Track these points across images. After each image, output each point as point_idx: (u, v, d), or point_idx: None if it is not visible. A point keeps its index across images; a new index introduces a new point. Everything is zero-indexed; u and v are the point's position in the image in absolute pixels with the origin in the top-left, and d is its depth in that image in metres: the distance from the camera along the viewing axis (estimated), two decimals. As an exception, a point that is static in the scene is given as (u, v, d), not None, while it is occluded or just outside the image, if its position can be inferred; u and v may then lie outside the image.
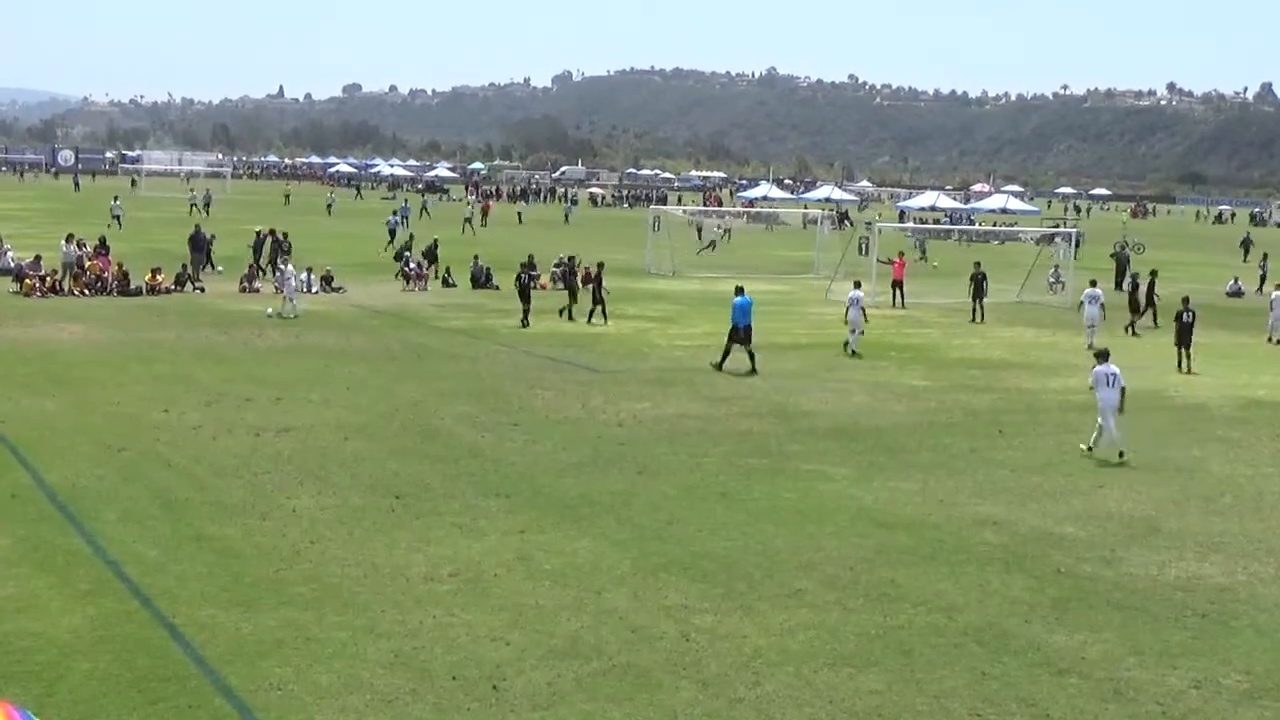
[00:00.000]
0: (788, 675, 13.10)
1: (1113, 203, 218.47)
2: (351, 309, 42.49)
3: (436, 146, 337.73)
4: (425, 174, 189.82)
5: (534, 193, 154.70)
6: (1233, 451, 24.66)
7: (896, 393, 29.62)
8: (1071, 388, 31.05)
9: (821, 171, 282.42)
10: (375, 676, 12.71)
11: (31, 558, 15.94)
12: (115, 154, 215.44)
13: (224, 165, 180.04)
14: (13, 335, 33.87)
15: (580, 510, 18.96)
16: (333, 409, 25.66)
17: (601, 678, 12.90)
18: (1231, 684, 13.30)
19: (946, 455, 23.48)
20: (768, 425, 25.62)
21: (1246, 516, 19.91)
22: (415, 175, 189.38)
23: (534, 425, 24.75)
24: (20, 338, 33.52)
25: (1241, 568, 17.28)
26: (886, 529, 18.53)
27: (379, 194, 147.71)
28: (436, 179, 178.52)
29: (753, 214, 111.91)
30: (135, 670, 12.65)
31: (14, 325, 35.67)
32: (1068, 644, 14.23)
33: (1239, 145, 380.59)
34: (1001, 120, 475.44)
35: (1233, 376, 33.95)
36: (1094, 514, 19.71)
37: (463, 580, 15.65)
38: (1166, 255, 77.64)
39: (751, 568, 16.53)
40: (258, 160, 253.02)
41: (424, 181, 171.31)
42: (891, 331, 40.70)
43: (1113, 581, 16.51)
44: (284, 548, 16.66)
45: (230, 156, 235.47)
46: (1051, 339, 40.75)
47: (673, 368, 32.23)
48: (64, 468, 20.22)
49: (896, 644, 14.06)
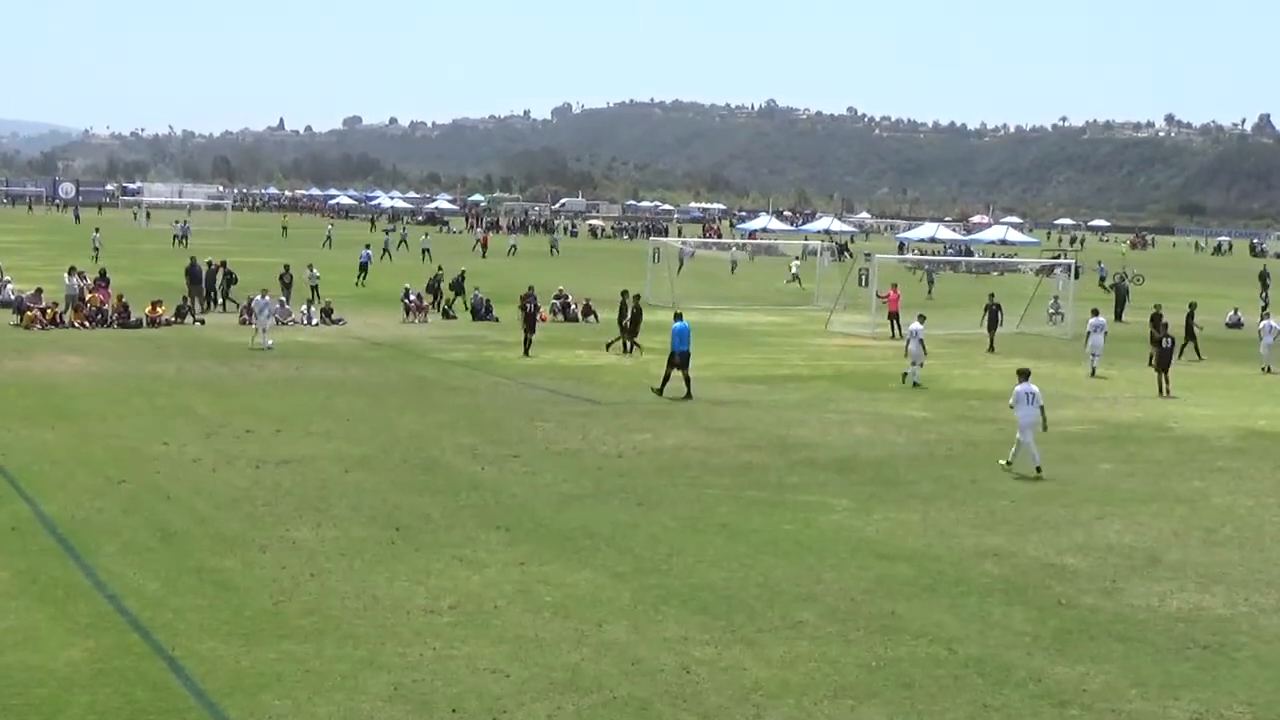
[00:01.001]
0: (788, 707, 13.07)
1: (1112, 234, 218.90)
2: (351, 341, 42.54)
3: (437, 178, 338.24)
4: (425, 206, 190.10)
5: (533, 224, 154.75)
6: (1233, 482, 24.65)
7: (897, 424, 29.62)
8: (1070, 419, 31.07)
9: (821, 203, 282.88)
10: (375, 709, 12.68)
11: (31, 590, 15.92)
12: (116, 186, 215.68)
13: (224, 197, 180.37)
14: (14, 367, 33.91)
15: (580, 542, 18.95)
16: (333, 441, 25.66)
17: (602, 710, 12.87)
18: (1234, 715, 13.27)
19: (947, 486, 23.47)
20: (768, 457, 25.62)
21: (1248, 547, 19.89)
22: (415, 207, 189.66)
23: (534, 457, 24.76)
24: (21, 370, 33.55)
25: (1243, 599, 17.25)
26: (887, 560, 18.51)
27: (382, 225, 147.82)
28: (437, 210, 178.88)
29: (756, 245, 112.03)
30: (135, 703, 12.62)
31: (15, 357, 35.71)
32: (1069, 675, 14.20)
33: (1237, 176, 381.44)
34: (1000, 152, 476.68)
35: (1232, 407, 33.98)
36: (1095, 545, 19.70)
37: (463, 612, 15.63)
38: (1167, 286, 77.71)
39: (752, 599, 16.51)
40: (258, 192, 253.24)
41: (424, 213, 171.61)
42: (891, 363, 40.69)
43: (1114, 613, 16.49)
44: (284, 580, 16.64)
45: (231, 189, 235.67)
46: (1051, 370, 40.69)
47: (672, 399, 32.22)
48: (64, 500, 20.21)
49: (897, 676, 14.03)
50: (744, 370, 38.43)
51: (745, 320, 54.45)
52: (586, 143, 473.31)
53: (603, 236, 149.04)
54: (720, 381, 35.64)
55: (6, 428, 25.70)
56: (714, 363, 39.67)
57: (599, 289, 56.20)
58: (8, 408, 28.01)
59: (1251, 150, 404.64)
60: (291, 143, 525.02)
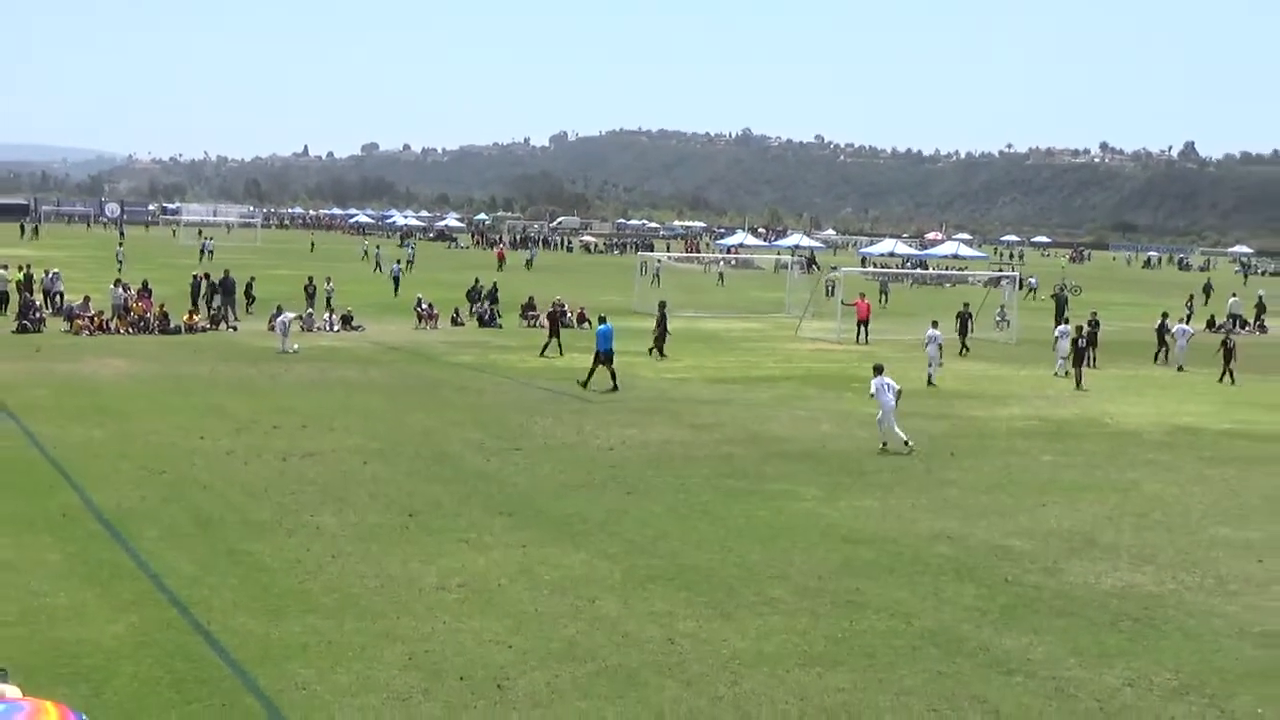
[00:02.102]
0: (763, 675, 13.07)
1: (1053, 249, 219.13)
2: (369, 346, 42.47)
3: (446, 199, 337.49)
4: (436, 224, 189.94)
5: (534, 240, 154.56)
6: (1162, 472, 24.69)
7: (860, 420, 29.60)
8: (1016, 415, 31.14)
9: (791, 221, 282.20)
10: (390, 677, 12.66)
11: (80, 571, 15.89)
12: (157, 207, 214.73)
13: (255, 216, 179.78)
14: (64, 370, 33.81)
15: (576, 527, 18.93)
16: (353, 436, 25.62)
17: (595, 678, 12.86)
18: (1162, 682, 13.29)
19: (905, 476, 23.48)
20: (744, 450, 25.62)
21: (1175, 531, 19.93)
22: (427, 225, 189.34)
23: (534, 450, 24.73)
24: (71, 373, 33.46)
25: (1170, 577, 17.28)
26: (851, 543, 18.52)
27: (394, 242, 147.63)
28: (447, 228, 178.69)
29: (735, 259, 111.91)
30: (174, 673, 12.60)
31: (65, 361, 35.60)
32: (1015, 646, 14.22)
33: (1165, 198, 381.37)
34: (953, 175, 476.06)
35: (1160, 405, 34.04)
36: (1038, 529, 19.72)
37: (470, 590, 15.61)
38: (1102, 296, 77.90)
39: (730, 578, 16.51)
40: (285, 212, 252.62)
41: (434, 230, 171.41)
42: (855, 365, 40.70)
43: (1055, 590, 16.51)
44: (308, 561, 16.61)
45: (260, 209, 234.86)
46: (998, 372, 40.83)
47: (658, 397, 32.21)
48: (109, 490, 20.17)
49: (861, 647, 14.04)
50: (723, 372, 38.42)
51: (724, 327, 54.43)
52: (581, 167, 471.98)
53: (595, 252, 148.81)
54: (701, 382, 35.65)
55: (58, 425, 25.63)
56: (696, 365, 39.71)
57: (593, 298, 56.20)
58: (59, 407, 27.94)
59: (1178, 174, 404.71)
60: (315, 167, 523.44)
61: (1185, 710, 12.56)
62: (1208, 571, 17.61)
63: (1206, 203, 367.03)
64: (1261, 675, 13.60)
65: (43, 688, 10.47)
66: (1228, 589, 16.81)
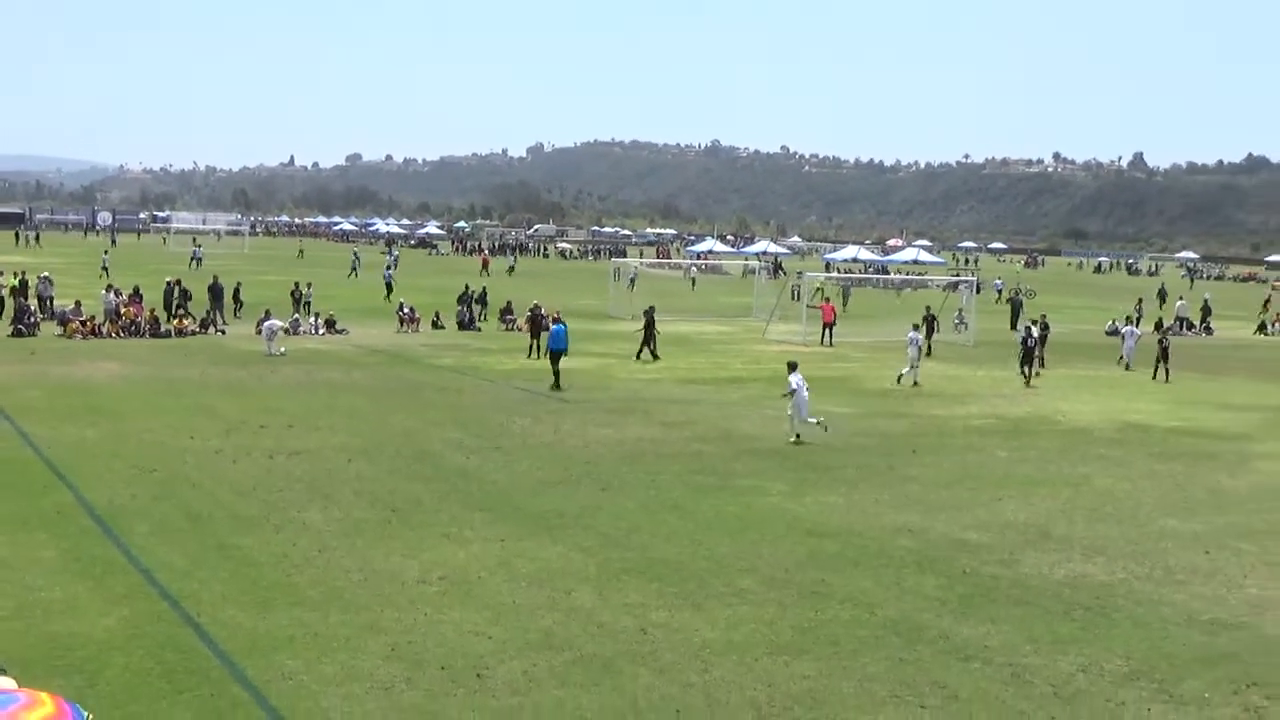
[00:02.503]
0: (732, 663, 13.08)
1: (1008, 255, 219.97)
2: (353, 348, 42.32)
3: (427, 207, 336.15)
4: (417, 231, 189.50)
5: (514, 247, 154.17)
6: (1112, 468, 24.81)
7: (824, 418, 29.66)
8: (974, 414, 31.25)
9: (759, 228, 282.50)
10: (374, 667, 12.63)
11: (74, 567, 15.79)
12: (148, 215, 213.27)
13: (242, 224, 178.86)
14: (58, 373, 33.59)
15: (552, 522, 18.91)
16: (337, 435, 25.53)
17: (571, 667, 12.85)
18: (1113, 667, 13.36)
19: (868, 472, 23.53)
20: (714, 447, 25.63)
21: (1125, 523, 20.03)
22: (409, 232, 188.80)
23: (512, 449, 24.69)
24: (65, 375, 33.24)
25: (1121, 568, 17.37)
26: (816, 536, 18.55)
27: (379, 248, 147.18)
28: (428, 235, 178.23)
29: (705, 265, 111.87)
30: (165, 664, 12.54)
31: (59, 364, 35.36)
32: (973, 634, 14.27)
33: (1115, 206, 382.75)
34: (913, 185, 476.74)
35: (1111, 403, 34.20)
36: (994, 522, 19.80)
37: (450, 583, 15.58)
38: (1056, 300, 78.23)
39: (700, 570, 16.52)
40: (273, 220, 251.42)
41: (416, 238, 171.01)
42: (820, 366, 40.79)
43: (1011, 580, 16.58)
44: (295, 556, 16.55)
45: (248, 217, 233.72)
46: (956, 372, 40.93)
47: (631, 398, 32.20)
48: (102, 488, 20.05)
49: (826, 635, 14.07)
50: (693, 373, 38.43)
51: (695, 330, 54.41)
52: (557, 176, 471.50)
53: (570, 258, 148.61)
54: (673, 383, 35.65)
55: (52, 425, 25.47)
56: (668, 366, 39.70)
57: (570, 302, 56.11)
58: (53, 408, 27.76)
59: (1127, 183, 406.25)
60: (301, 176, 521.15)
61: (1135, 694, 12.63)
62: (1156, 562, 17.71)
63: (1154, 210, 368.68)
64: (1208, 661, 13.69)
65: (38, 679, 10.40)
66: (1175, 579, 16.91)
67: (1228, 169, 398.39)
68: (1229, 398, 36.40)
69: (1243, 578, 17.07)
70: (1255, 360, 48.56)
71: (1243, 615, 15.40)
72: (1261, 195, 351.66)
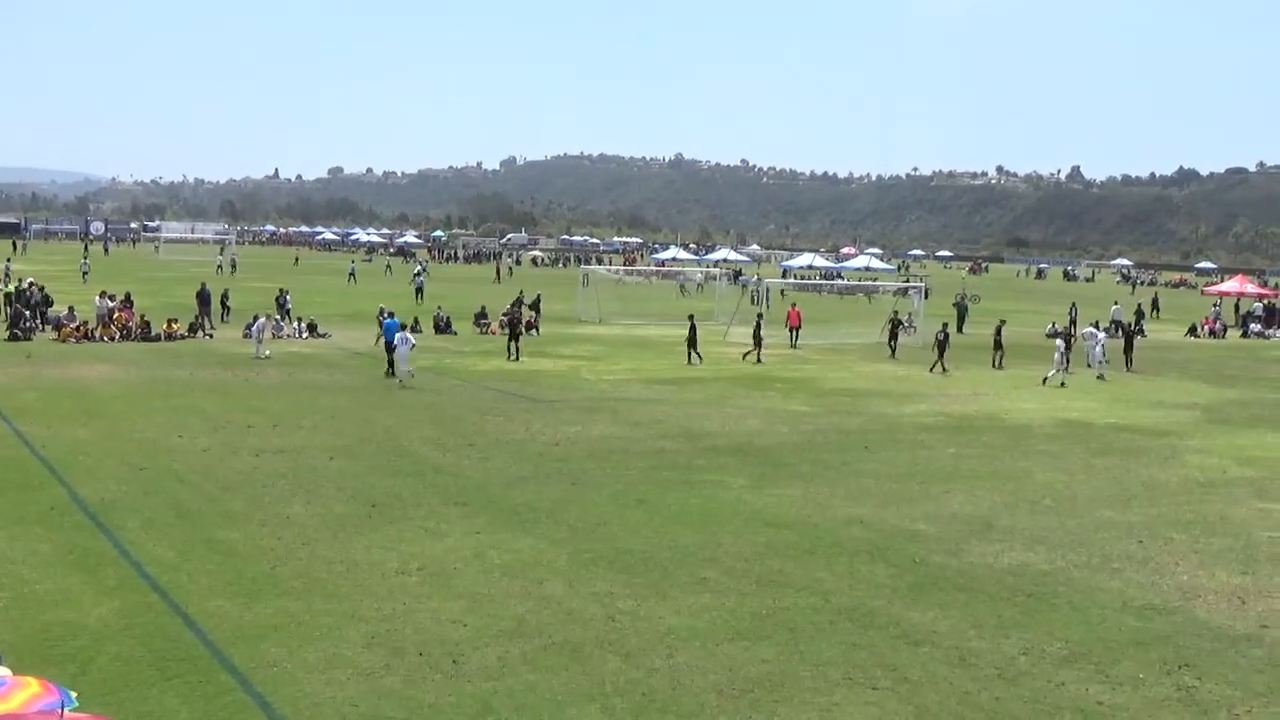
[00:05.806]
0: (695, 648, 13.09)
1: (954, 262, 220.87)
2: (335, 351, 42.13)
3: (405, 218, 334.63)
4: (396, 240, 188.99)
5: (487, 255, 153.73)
6: (1052, 462, 24.95)
7: (782, 417, 29.75)
8: (923, 411, 31.36)
9: (720, 237, 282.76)
10: (355, 654, 12.58)
11: (67, 559, 15.67)
12: (139, 225, 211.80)
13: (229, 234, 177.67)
14: (52, 375, 33.30)
15: (525, 515, 18.88)
16: (320, 434, 25.41)
17: (543, 652, 12.83)
18: (1054, 650, 13.44)
19: (823, 467, 23.59)
20: (678, 444, 25.63)
21: (1064, 515, 20.15)
22: (388, 241, 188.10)
23: (487, 446, 24.63)
24: (58, 377, 32.95)
25: (1060, 556, 17.47)
26: (775, 528, 18.58)
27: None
28: (406, 244, 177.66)
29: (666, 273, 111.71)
30: (155, 652, 12.45)
31: (53, 367, 35.06)
32: (922, 620, 14.33)
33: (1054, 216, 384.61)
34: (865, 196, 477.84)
35: (1051, 401, 34.39)
36: (942, 514, 19.88)
37: (428, 574, 15.53)
38: (999, 304, 78.57)
39: (665, 561, 16.52)
40: (258, 229, 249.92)
41: (395, 246, 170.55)
42: (779, 367, 40.89)
43: (957, 569, 16.65)
44: (279, 549, 16.47)
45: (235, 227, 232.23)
46: (906, 373, 41.05)
47: (599, 397, 32.17)
48: (94, 484, 19.90)
49: (783, 622, 14.09)
50: (658, 374, 38.41)
51: (660, 333, 54.34)
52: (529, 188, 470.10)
53: (542, 265, 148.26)
54: (639, 383, 35.63)
55: (47, 425, 25.25)
56: (634, 368, 39.68)
57: (544, 307, 55.95)
58: (48, 409, 27.52)
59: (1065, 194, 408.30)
60: (285, 188, 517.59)
61: (1074, 676, 12.71)
62: (1094, 551, 17.83)
63: (1091, 220, 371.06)
64: (1142, 644, 13.79)
65: (33, 667, 10.31)
66: (1112, 567, 17.02)
67: (1160, 181, 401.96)
68: (1161, 396, 36.67)
69: (1174, 565, 17.20)
70: (1185, 361, 48.94)
71: (1174, 600, 15.52)
72: (1191, 206, 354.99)
